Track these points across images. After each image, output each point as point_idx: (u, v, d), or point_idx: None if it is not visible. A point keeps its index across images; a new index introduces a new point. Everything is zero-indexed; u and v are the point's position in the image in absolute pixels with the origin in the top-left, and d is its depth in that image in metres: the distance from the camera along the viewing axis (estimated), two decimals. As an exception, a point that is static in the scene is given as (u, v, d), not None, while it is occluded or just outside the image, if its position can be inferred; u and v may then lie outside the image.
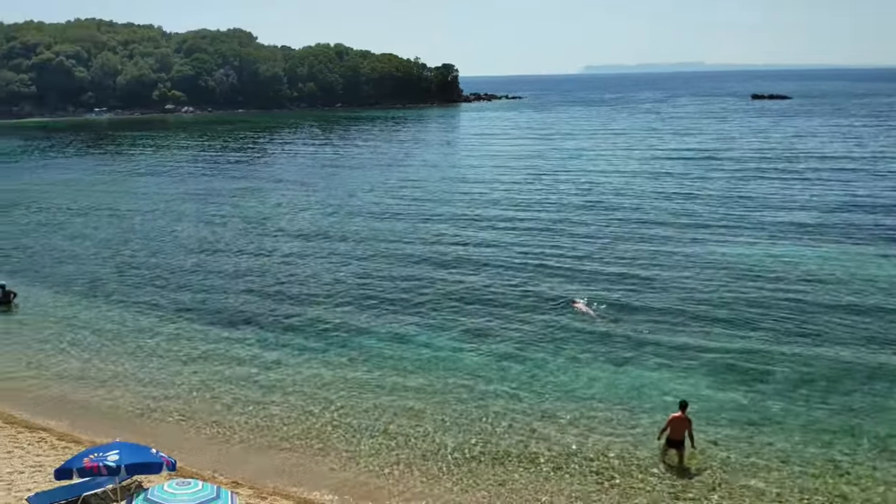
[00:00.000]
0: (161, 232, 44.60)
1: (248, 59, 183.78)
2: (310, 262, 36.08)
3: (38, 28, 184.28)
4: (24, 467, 17.33)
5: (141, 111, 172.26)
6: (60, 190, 62.87)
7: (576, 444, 18.28)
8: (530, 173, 63.20)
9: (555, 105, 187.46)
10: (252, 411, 20.58)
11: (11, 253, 40.55)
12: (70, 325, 28.25)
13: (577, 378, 22.06)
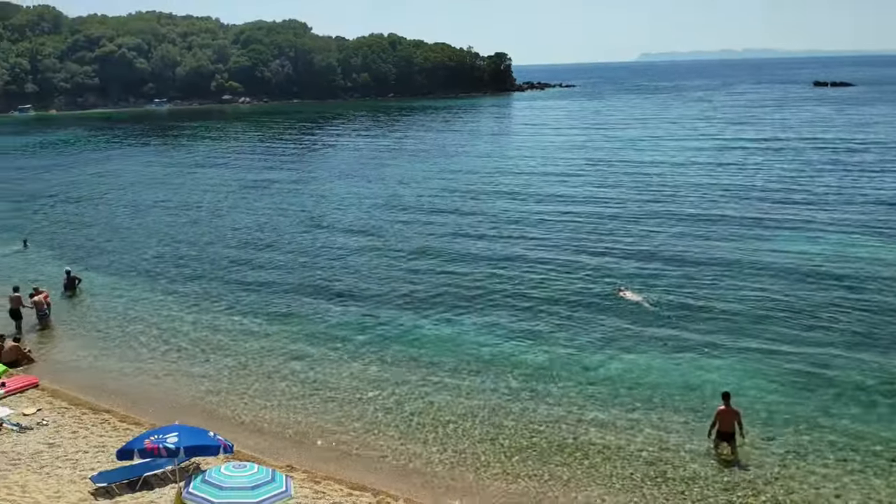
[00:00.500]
0: (217, 222, 45.52)
1: (303, 50, 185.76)
2: (361, 255, 36.37)
3: (101, 21, 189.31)
4: (89, 447, 17.97)
5: (199, 102, 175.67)
6: (122, 179, 64.64)
7: (626, 436, 18.15)
8: (581, 163, 62.54)
9: (608, 94, 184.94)
10: (306, 399, 20.94)
11: (77, 240, 41.90)
12: (132, 310, 29.10)
13: (627, 369, 21.86)
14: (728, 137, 75.75)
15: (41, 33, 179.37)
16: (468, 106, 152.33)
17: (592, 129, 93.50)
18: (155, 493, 15.85)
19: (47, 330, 27.45)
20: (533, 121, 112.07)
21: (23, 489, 15.77)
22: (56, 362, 24.47)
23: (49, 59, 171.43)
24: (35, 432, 18.75)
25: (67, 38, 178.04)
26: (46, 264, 36.77)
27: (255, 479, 12.56)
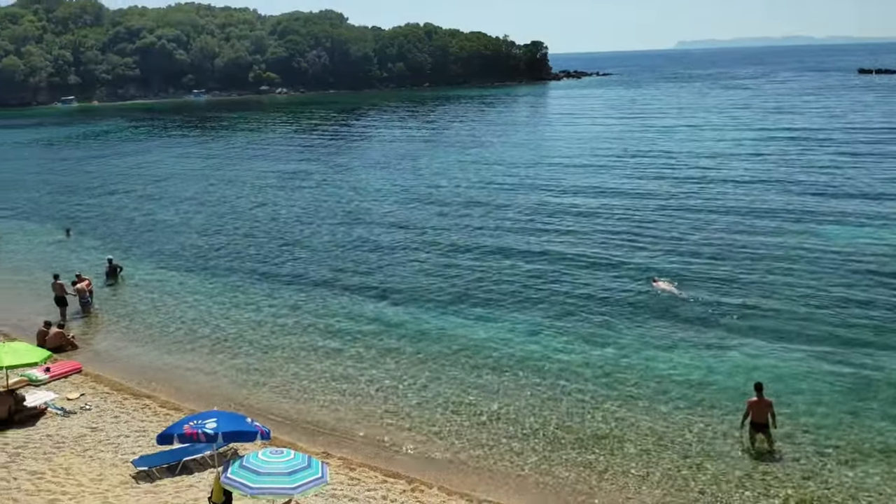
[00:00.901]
0: (254, 213, 46.01)
1: (340, 40, 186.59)
2: (396, 247, 36.50)
3: (141, 13, 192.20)
4: (130, 431, 18.37)
5: (237, 92, 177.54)
6: (162, 170, 65.65)
7: (662, 428, 18.02)
8: (617, 153, 61.86)
9: (645, 82, 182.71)
10: (341, 388, 21.12)
11: (118, 230, 42.68)
12: (172, 298, 29.60)
13: (663, 360, 21.68)
14: (769, 127, 74.31)
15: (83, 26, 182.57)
16: (503, 95, 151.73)
17: (629, 118, 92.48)
18: (194, 478, 16.16)
19: (90, 317, 28.04)
20: (569, 110, 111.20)
21: (67, 471, 16.19)
22: (99, 348, 25.02)
23: (91, 51, 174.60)
24: (78, 416, 19.21)
25: (109, 30, 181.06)
26: (88, 253, 37.54)
27: (291, 465, 12.71)
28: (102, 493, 15.30)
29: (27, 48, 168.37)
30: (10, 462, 16.56)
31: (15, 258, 37.25)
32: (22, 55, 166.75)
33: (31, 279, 32.88)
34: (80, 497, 15.08)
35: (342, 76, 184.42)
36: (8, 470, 16.17)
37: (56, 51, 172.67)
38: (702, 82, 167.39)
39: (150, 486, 15.70)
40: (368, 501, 15.27)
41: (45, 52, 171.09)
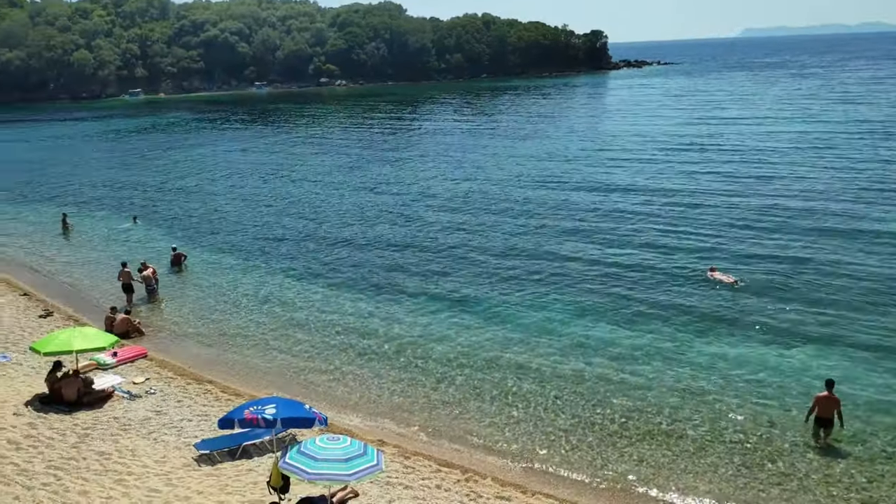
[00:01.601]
0: (314, 203, 46.60)
1: (398, 32, 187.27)
2: (451, 237, 36.58)
3: (205, 6, 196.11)
4: (192, 416, 18.87)
5: (297, 85, 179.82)
6: (224, 160, 67.00)
7: (720, 422, 17.70)
8: (676, 144, 60.64)
9: (708, 71, 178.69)
10: (397, 376, 21.32)
11: (183, 218, 43.77)
12: (234, 287, 30.25)
13: (721, 354, 21.27)
14: (838, 119, 71.77)
15: (150, 19, 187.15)
16: (561, 85, 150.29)
17: (690, 108, 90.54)
18: (253, 462, 16.52)
19: (155, 303, 28.87)
20: (628, 100, 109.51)
21: (132, 453, 16.73)
22: (163, 334, 25.73)
23: (157, 44, 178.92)
24: (144, 400, 19.81)
25: (174, 23, 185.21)
26: (154, 241, 38.61)
27: (348, 452, 12.89)
28: (166, 474, 15.78)
29: (97, 42, 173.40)
30: (80, 442, 17.20)
31: (85, 245, 38.53)
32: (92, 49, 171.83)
33: (99, 266, 34.01)
34: (144, 478, 15.58)
35: (400, 68, 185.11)
36: (78, 450, 16.81)
37: (124, 44, 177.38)
38: (768, 71, 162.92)
39: (211, 469, 16.12)
40: (423, 490, 15.40)
41: (114, 45, 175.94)
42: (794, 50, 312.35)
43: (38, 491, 14.96)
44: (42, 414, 18.72)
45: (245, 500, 14.73)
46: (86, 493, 14.92)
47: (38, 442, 17.15)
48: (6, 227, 43.62)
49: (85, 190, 55.10)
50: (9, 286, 31.15)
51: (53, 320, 26.48)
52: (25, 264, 35.42)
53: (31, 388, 20.26)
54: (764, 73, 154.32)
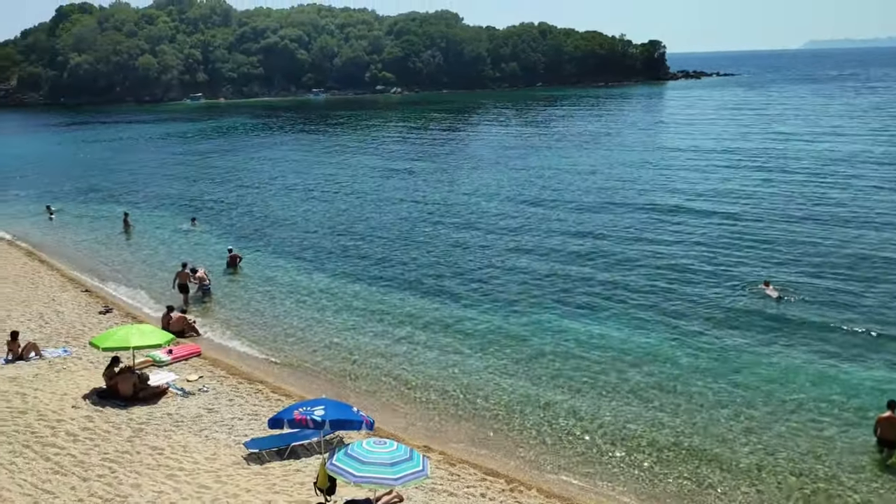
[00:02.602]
0: (368, 209, 47.01)
1: (454, 40, 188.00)
2: (503, 244, 36.55)
3: (266, 14, 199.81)
4: (243, 414, 19.18)
5: (354, 91, 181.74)
6: (282, 166, 68.06)
7: (776, 442, 17.27)
8: (732, 157, 59.48)
9: (769, 83, 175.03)
10: (446, 383, 21.34)
11: (240, 221, 44.59)
12: (287, 289, 30.69)
13: (776, 371, 20.77)
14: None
15: (213, 26, 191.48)
16: (617, 95, 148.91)
17: (748, 121, 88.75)
18: (301, 462, 16.71)
19: (210, 303, 29.46)
20: (685, 112, 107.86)
21: (184, 449, 17.08)
22: (217, 333, 26.21)
23: (219, 50, 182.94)
24: (196, 397, 20.21)
25: (236, 30, 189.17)
26: (211, 242, 39.42)
27: (394, 457, 12.94)
28: (215, 471, 16.06)
29: (161, 47, 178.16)
30: (134, 437, 17.63)
31: (144, 245, 39.54)
32: (156, 54, 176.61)
33: (158, 265, 34.86)
34: (195, 474, 15.89)
35: (455, 76, 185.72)
36: (132, 444, 17.23)
37: (187, 50, 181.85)
38: (831, 84, 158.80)
39: (259, 468, 16.35)
40: (467, 498, 15.37)
41: (177, 51, 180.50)
42: (859, 62, 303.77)
43: (93, 482, 15.38)
44: (99, 408, 19.25)
45: (292, 500, 14.90)
46: (138, 486, 15.28)
47: (94, 435, 17.64)
48: (72, 225, 45.04)
49: (146, 190, 56.60)
50: (72, 282, 32.14)
51: (112, 317, 27.22)
52: (88, 261, 36.51)
53: (89, 382, 20.86)
54: (826, 87, 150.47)
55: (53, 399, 19.64)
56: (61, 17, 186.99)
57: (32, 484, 15.29)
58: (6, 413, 18.68)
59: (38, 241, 40.84)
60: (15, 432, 17.60)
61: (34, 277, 32.70)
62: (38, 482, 15.36)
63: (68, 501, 14.65)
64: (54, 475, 15.65)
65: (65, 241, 40.98)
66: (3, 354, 22.82)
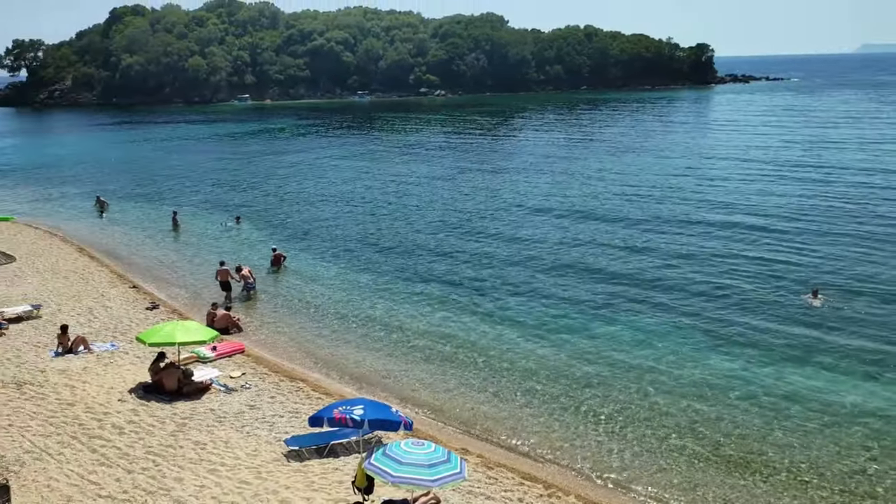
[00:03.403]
0: (411, 209, 47.23)
1: (499, 43, 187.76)
2: (545, 249, 36.46)
3: (313, 16, 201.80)
4: (284, 412, 19.40)
5: (398, 94, 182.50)
6: (326, 166, 68.67)
7: (823, 456, 16.89)
8: (779, 164, 58.45)
9: (820, 88, 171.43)
10: (484, 385, 21.32)
11: (284, 220, 45.14)
12: (330, 289, 30.96)
13: (823, 384, 20.30)
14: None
15: (261, 28, 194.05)
16: (663, 99, 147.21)
17: (797, 126, 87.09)
18: (340, 461, 16.83)
19: (254, 301, 29.86)
20: (732, 116, 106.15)
21: (226, 444, 17.35)
22: (261, 331, 26.56)
23: (266, 52, 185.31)
24: (239, 394, 20.50)
25: (283, 32, 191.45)
26: (255, 241, 39.97)
27: (431, 458, 12.97)
28: (256, 467, 16.27)
29: (210, 49, 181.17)
30: (178, 431, 17.96)
31: (191, 242, 40.25)
32: (205, 56, 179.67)
33: (203, 263, 35.43)
34: (236, 469, 16.12)
35: (499, 78, 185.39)
36: (175, 438, 17.55)
37: (235, 52, 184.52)
38: (883, 90, 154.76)
39: (299, 466, 16.52)
40: (505, 502, 15.32)
41: (226, 53, 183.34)
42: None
43: (137, 475, 15.71)
44: (144, 402, 19.66)
45: (330, 498, 15.02)
46: (181, 479, 15.56)
47: (139, 428, 18.02)
48: (122, 222, 46.05)
49: (194, 189, 57.60)
50: (120, 279, 32.87)
51: (158, 313, 27.76)
52: (136, 258, 37.28)
53: (135, 376, 21.31)
54: (878, 92, 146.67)
55: (101, 392, 20.12)
56: (115, 19, 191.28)
57: (79, 474, 15.68)
58: (55, 405, 19.20)
59: (89, 238, 41.85)
60: (63, 423, 18.08)
61: (84, 273, 33.53)
62: (85, 473, 15.74)
63: (113, 493, 14.98)
64: (100, 466, 16.03)
65: (114, 238, 41.92)
66: (53, 347, 23.45)
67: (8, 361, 22.46)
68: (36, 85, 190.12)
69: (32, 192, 59.03)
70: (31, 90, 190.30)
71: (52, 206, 52.50)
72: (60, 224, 45.72)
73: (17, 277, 32.35)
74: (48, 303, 28.53)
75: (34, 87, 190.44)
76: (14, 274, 32.65)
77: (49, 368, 21.85)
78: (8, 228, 43.25)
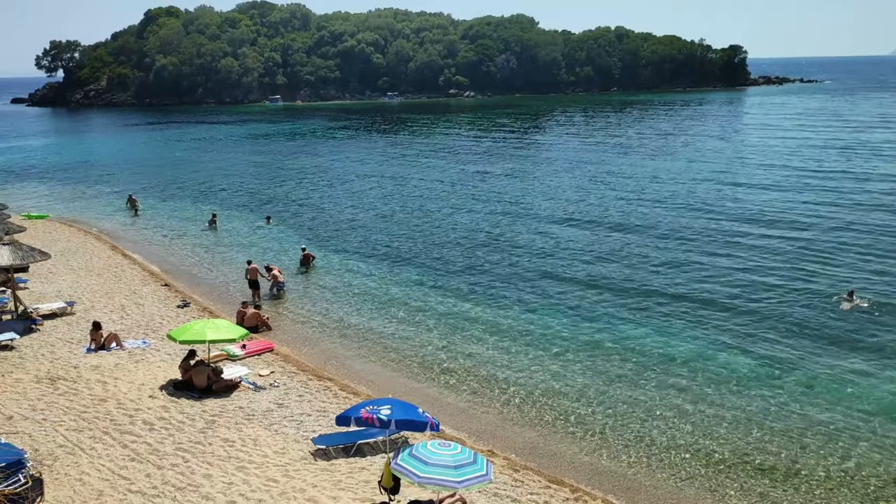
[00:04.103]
0: (440, 210, 47.31)
1: (529, 45, 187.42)
2: (574, 252, 36.33)
3: (344, 18, 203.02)
4: (312, 410, 19.51)
5: (427, 95, 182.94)
6: (356, 167, 69.02)
7: (853, 464, 16.61)
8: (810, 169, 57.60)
9: (856, 90, 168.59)
10: (511, 387, 21.26)
11: (313, 221, 45.42)
12: (359, 289, 31.08)
13: (859, 389, 19.96)
14: None
15: (292, 30, 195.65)
16: (694, 101, 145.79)
17: (830, 130, 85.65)
18: (366, 461, 16.89)
19: (283, 301, 30.08)
20: (763, 119, 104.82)
21: (254, 442, 17.49)
22: (289, 330, 26.75)
23: (298, 53, 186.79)
24: (268, 392, 20.66)
25: (314, 33, 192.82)
26: (285, 240, 40.28)
27: (458, 459, 12.96)
28: (283, 465, 16.39)
29: (242, 50, 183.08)
30: (207, 428, 18.15)
31: (221, 241, 40.64)
32: (237, 57, 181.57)
33: (233, 262, 35.77)
34: (264, 467, 16.25)
35: (529, 80, 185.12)
36: (205, 435, 17.74)
37: (267, 53, 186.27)
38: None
39: (326, 464, 16.60)
40: (531, 504, 15.26)
41: (258, 54, 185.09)
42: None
43: (167, 471, 15.90)
44: (174, 398, 19.90)
45: (356, 498, 15.08)
46: (209, 476, 15.72)
47: (169, 424, 18.24)
48: (154, 221, 46.64)
49: (225, 189, 58.20)
50: (152, 276, 33.31)
51: (189, 311, 28.09)
52: (168, 256, 37.73)
53: (166, 373, 21.58)
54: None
55: (132, 388, 20.40)
56: (149, 21, 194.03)
57: (110, 469, 15.91)
58: (88, 400, 19.51)
59: (122, 236, 42.51)
60: (96, 419, 18.37)
61: (117, 271, 34.03)
62: (116, 468, 15.97)
63: (143, 488, 15.18)
64: (130, 462, 16.25)
65: (146, 237, 42.49)
66: (86, 343, 23.84)
67: (42, 357, 22.89)
68: (72, 85, 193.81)
69: (68, 190, 60.19)
70: (67, 90, 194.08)
71: (87, 205, 53.41)
72: (94, 222, 46.49)
73: (51, 274, 32.93)
74: (82, 300, 29.02)
75: (70, 87, 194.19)
76: (49, 271, 33.23)
77: (82, 364, 22.22)
78: (43, 226, 44.09)
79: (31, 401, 19.42)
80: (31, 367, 21.90)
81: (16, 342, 23.87)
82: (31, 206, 51.25)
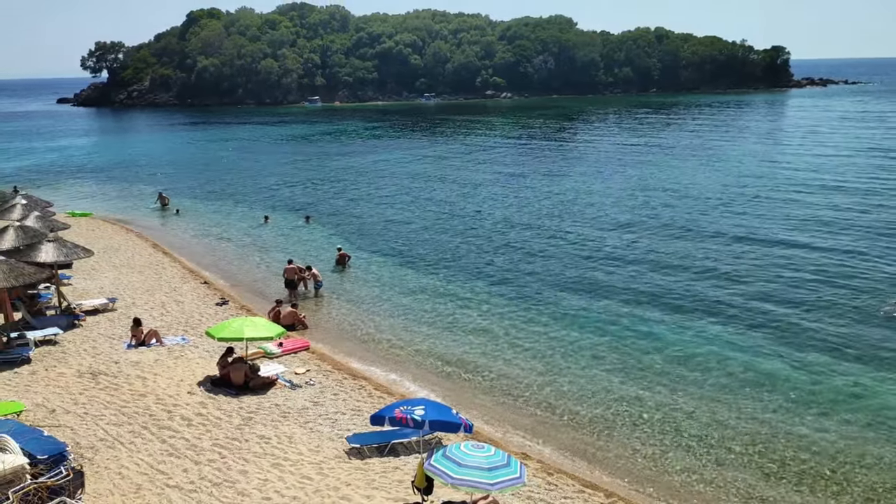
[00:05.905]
0: (477, 212, 47.26)
1: (567, 45, 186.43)
2: (608, 253, 36.07)
3: (382, 19, 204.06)
4: (346, 409, 19.61)
5: (464, 96, 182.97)
6: (393, 168, 69.32)
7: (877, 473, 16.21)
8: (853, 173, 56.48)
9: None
10: (546, 389, 21.14)
11: (350, 221, 45.67)
12: (395, 289, 31.16)
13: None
14: None
15: (331, 31, 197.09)
16: (735, 103, 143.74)
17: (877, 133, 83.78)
18: (400, 460, 16.92)
19: (320, 300, 30.30)
20: (804, 121, 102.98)
21: (290, 439, 17.64)
22: (325, 329, 26.93)
23: (336, 55, 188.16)
24: (303, 390, 20.82)
25: (353, 35, 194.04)
26: (323, 240, 40.57)
27: (491, 461, 12.92)
28: (318, 463, 16.50)
29: (282, 51, 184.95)
30: (244, 425, 18.35)
31: (262, 241, 41.01)
32: (277, 58, 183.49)
33: (274, 260, 36.11)
34: (299, 464, 16.37)
35: (567, 81, 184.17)
36: (241, 432, 17.94)
37: (306, 54, 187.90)
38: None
39: (360, 463, 16.67)
40: (564, 508, 15.15)
41: (298, 55, 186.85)
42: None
43: (203, 466, 16.11)
44: (212, 395, 20.15)
45: (389, 497, 15.12)
46: (245, 472, 15.89)
47: (206, 421, 18.48)
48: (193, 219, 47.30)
49: (266, 188, 58.80)
50: (192, 274, 33.79)
51: (228, 308, 28.42)
52: (207, 255, 38.22)
53: (204, 369, 21.86)
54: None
55: (171, 384, 20.71)
56: (191, 22, 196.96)
57: (148, 464, 16.17)
58: (128, 395, 19.86)
59: (163, 234, 43.20)
60: (135, 414, 18.68)
61: (158, 268, 34.59)
62: (154, 462, 16.23)
63: (180, 483, 15.40)
64: (168, 457, 16.50)
65: (187, 235, 43.12)
66: (127, 339, 24.27)
67: (84, 352, 23.35)
68: (116, 85, 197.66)
69: (111, 188, 61.43)
70: (111, 91, 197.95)
71: (130, 203, 54.40)
72: (136, 220, 47.30)
73: (94, 271, 33.59)
74: (123, 296, 29.55)
75: (114, 87, 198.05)
76: (92, 268, 33.89)
77: (122, 360, 22.62)
78: (87, 224, 44.99)
79: (73, 395, 19.83)
80: (74, 362, 22.36)
81: (59, 337, 24.39)
82: (75, 204, 52.34)
